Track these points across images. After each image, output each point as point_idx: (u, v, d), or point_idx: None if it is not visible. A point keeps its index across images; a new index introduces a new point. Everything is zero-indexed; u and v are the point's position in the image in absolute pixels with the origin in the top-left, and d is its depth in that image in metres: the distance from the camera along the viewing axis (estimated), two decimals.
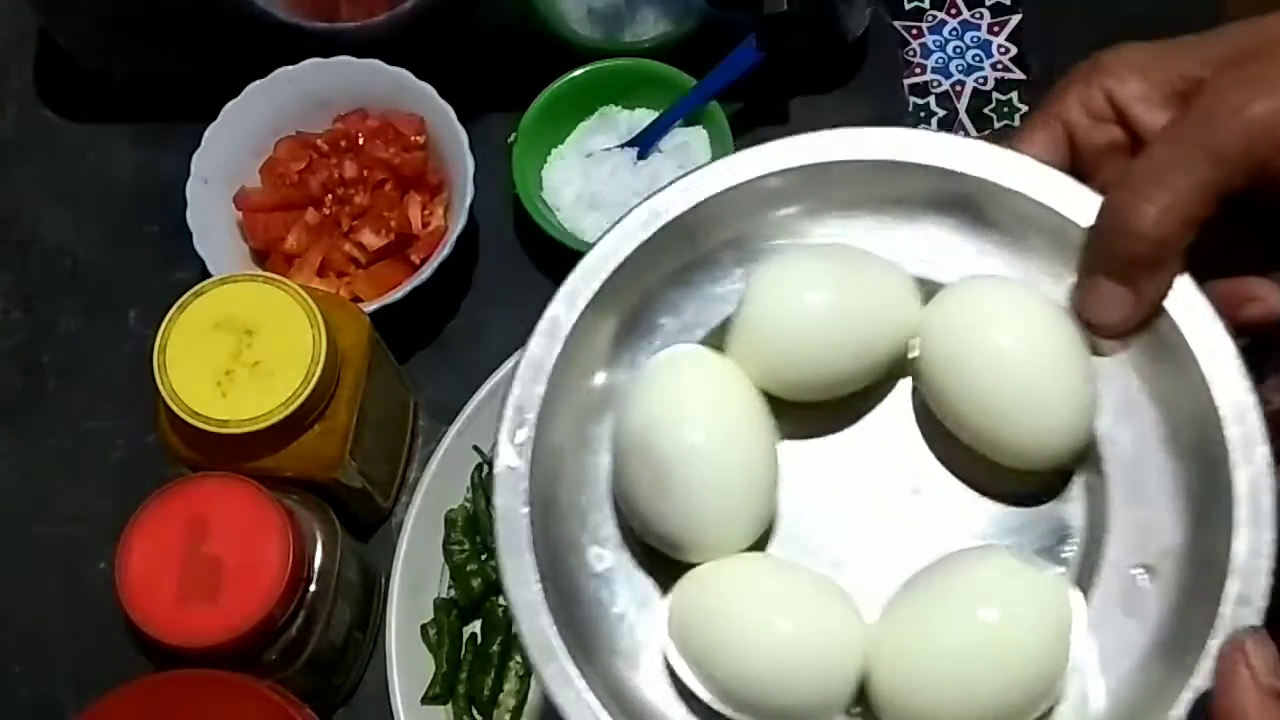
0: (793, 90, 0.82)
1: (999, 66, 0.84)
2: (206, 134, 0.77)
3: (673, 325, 0.50)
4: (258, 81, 0.78)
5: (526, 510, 0.46)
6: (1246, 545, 0.43)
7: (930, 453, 0.49)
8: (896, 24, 0.85)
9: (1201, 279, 0.46)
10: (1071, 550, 0.47)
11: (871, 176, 0.49)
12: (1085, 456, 0.47)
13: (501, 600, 0.71)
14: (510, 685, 0.70)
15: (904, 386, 0.50)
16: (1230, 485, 0.44)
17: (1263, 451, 0.44)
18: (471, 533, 0.72)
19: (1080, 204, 0.48)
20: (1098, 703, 0.45)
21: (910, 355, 0.49)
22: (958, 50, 0.85)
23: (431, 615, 0.71)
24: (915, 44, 0.85)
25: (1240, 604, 0.43)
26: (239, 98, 0.78)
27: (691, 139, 0.78)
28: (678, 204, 0.49)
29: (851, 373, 0.48)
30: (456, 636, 0.70)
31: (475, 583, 0.71)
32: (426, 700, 0.69)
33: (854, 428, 0.50)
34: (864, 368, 0.48)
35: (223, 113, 0.77)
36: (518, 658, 0.70)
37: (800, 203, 0.50)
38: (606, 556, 0.48)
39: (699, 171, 0.50)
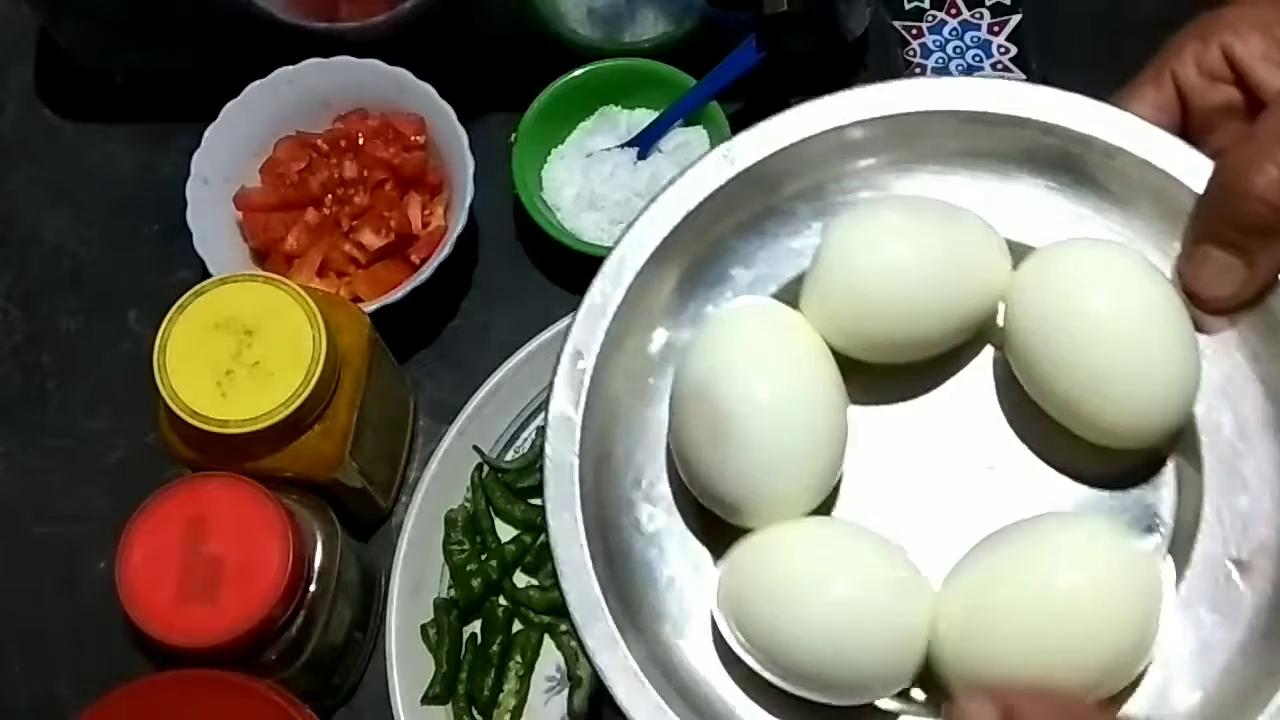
0: (793, 90, 0.82)
1: (999, 67, 0.84)
2: (206, 134, 0.77)
3: (744, 277, 0.47)
4: (258, 81, 0.78)
5: (577, 461, 0.43)
6: None
7: (1010, 427, 0.46)
8: (896, 24, 0.85)
9: None
10: (1158, 540, 0.44)
11: (966, 129, 0.46)
12: (1181, 439, 0.44)
13: (502, 600, 0.71)
14: (510, 685, 0.70)
15: (986, 355, 0.47)
16: None
17: None
18: (471, 533, 0.72)
19: (1191, 168, 0.44)
20: (1181, 702, 0.42)
21: (997, 321, 0.45)
22: (958, 50, 0.85)
23: (431, 615, 0.71)
24: (915, 44, 0.85)
25: None
26: (239, 98, 0.78)
27: (691, 139, 0.78)
28: (757, 150, 0.46)
29: (931, 335, 0.45)
30: (456, 636, 0.70)
31: (475, 583, 0.71)
32: (426, 700, 0.69)
33: (930, 395, 0.46)
34: (946, 331, 0.45)
35: (223, 113, 0.77)
36: (518, 658, 0.70)
37: (886, 154, 0.47)
38: (659, 516, 0.45)
39: (779, 116, 0.47)
